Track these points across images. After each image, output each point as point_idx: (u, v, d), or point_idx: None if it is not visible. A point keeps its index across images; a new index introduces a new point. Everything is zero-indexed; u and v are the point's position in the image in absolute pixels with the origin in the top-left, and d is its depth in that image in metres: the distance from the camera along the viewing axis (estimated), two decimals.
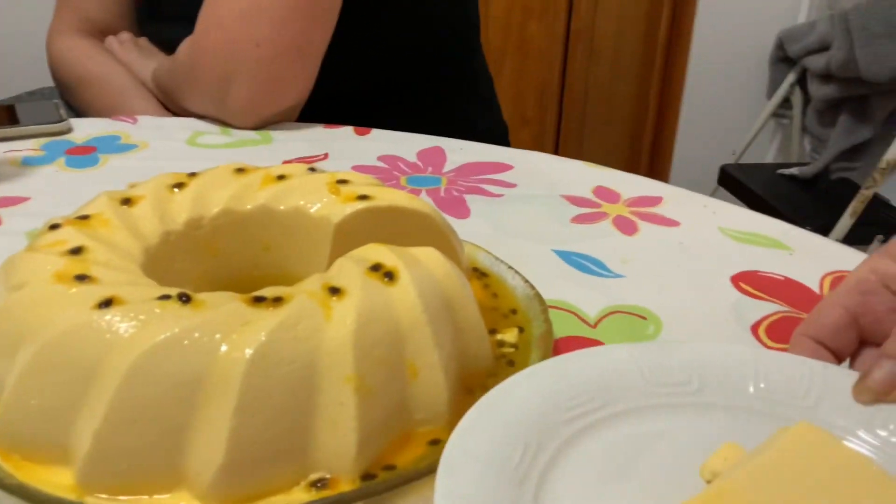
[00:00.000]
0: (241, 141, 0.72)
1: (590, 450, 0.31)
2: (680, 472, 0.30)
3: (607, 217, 0.57)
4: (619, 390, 0.33)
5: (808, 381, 0.34)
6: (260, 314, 0.32)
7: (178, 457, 0.30)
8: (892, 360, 0.33)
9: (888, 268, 0.36)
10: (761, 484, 0.26)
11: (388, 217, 0.42)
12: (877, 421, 0.32)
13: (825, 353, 0.36)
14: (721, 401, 0.34)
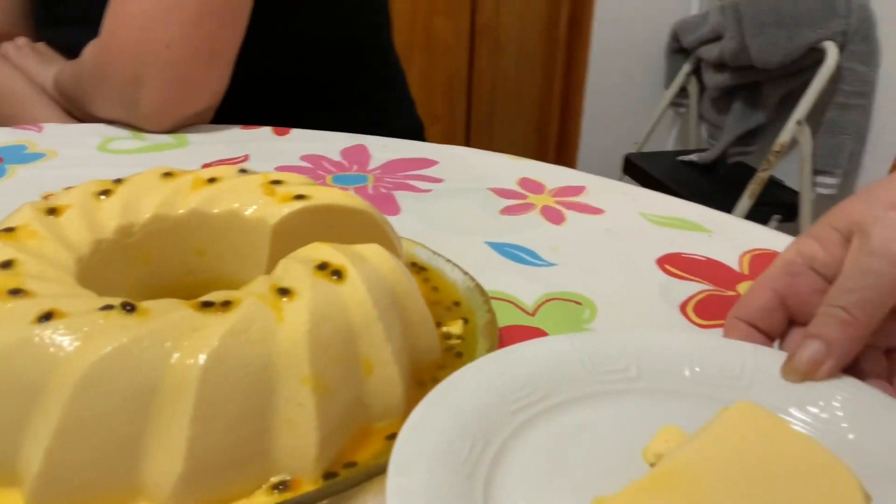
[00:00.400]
0: (155, 145, 0.70)
1: (536, 440, 0.31)
2: (624, 456, 0.31)
3: (535, 208, 0.59)
4: (562, 380, 0.34)
5: (740, 363, 0.35)
6: (209, 319, 0.31)
7: (134, 469, 0.29)
8: (816, 341, 0.34)
9: (813, 250, 0.37)
10: (706, 463, 0.27)
11: (326, 216, 0.42)
12: (808, 398, 0.34)
13: (757, 335, 0.38)
14: (659, 386, 0.35)
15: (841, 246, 0.36)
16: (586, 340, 0.36)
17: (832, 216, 0.38)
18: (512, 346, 0.35)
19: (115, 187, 0.42)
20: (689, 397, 0.34)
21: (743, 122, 2.00)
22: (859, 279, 0.34)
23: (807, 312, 0.37)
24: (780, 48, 1.78)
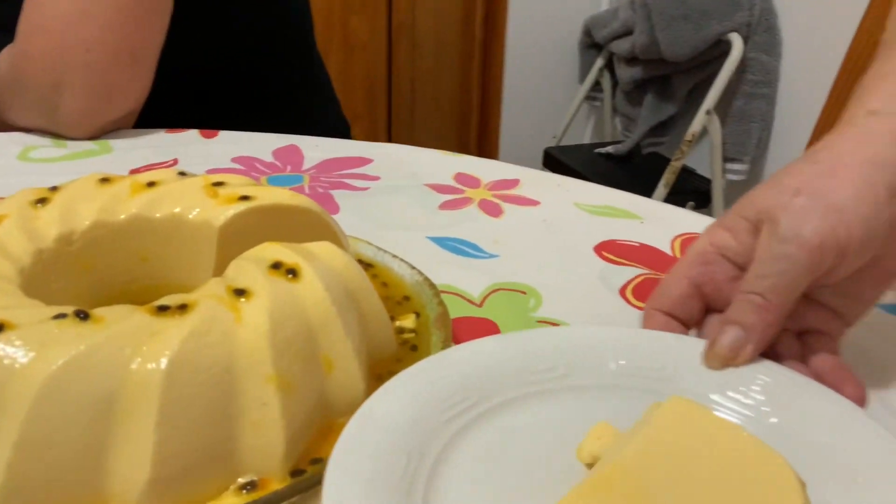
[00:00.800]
0: (78, 153, 0.68)
1: (471, 448, 0.31)
2: (560, 456, 0.31)
3: (472, 202, 0.60)
4: (491, 385, 0.34)
5: (663, 353, 0.36)
6: (167, 323, 0.31)
7: (100, 478, 0.28)
8: (735, 327, 0.35)
9: (724, 239, 0.38)
10: (645, 463, 0.27)
11: (272, 216, 0.42)
12: (729, 385, 0.35)
13: (675, 324, 0.39)
14: (587, 382, 0.35)
15: (751, 234, 0.37)
16: (513, 341, 0.36)
17: (740, 206, 0.38)
18: (439, 353, 0.35)
19: (51, 195, 0.41)
20: (616, 391, 0.35)
21: (655, 113, 2.07)
22: (772, 265, 0.35)
23: (722, 299, 0.38)
24: (688, 41, 1.84)
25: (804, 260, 0.34)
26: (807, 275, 0.35)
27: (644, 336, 0.38)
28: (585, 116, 2.39)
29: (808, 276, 0.35)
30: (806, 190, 0.35)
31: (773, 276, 0.35)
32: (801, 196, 0.35)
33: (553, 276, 0.49)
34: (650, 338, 0.37)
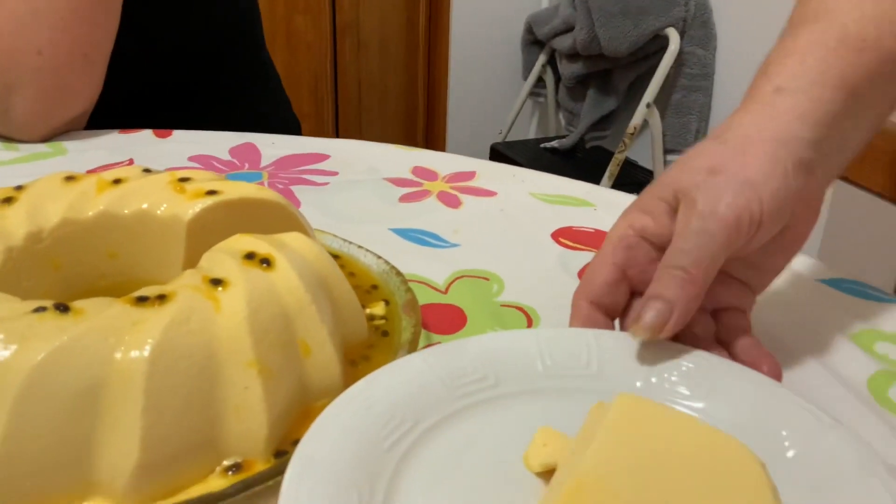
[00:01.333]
0: (31, 155, 0.67)
1: (418, 472, 0.31)
2: (508, 467, 0.32)
3: (431, 194, 0.61)
4: (425, 405, 0.34)
5: (586, 351, 0.37)
6: (147, 314, 0.31)
7: (87, 467, 0.29)
8: (658, 301, 0.36)
9: (643, 222, 0.39)
10: (610, 467, 0.27)
11: (239, 209, 0.42)
12: (652, 373, 0.36)
13: (599, 316, 0.39)
14: (519, 388, 0.36)
15: (668, 215, 0.38)
16: (439, 357, 0.36)
17: (656, 188, 0.40)
18: (367, 377, 0.34)
19: (16, 194, 0.41)
20: (549, 393, 0.36)
21: (597, 108, 2.11)
22: (693, 240, 0.36)
23: (646, 281, 0.38)
24: (628, 36, 1.88)
25: (722, 234, 0.36)
26: (726, 248, 0.36)
27: (564, 335, 0.38)
28: (530, 112, 2.42)
29: (726, 249, 0.36)
30: (719, 168, 0.37)
31: (694, 250, 0.36)
32: (715, 175, 0.37)
33: (513, 262, 0.51)
34: (570, 336, 0.38)
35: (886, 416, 0.37)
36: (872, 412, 0.37)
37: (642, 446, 0.28)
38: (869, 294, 0.48)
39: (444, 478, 0.31)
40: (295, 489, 0.28)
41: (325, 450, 0.30)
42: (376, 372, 0.35)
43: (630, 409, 0.29)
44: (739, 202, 0.36)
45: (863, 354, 0.42)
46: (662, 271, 0.37)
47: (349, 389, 0.34)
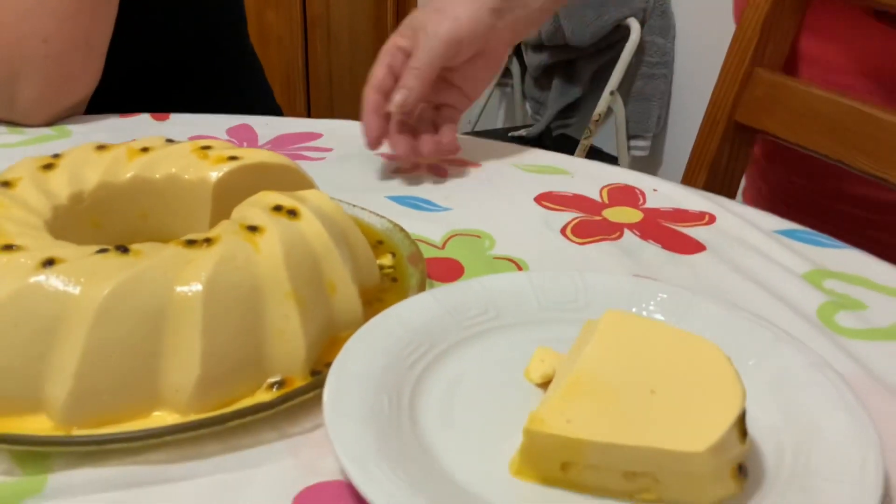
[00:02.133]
0: (36, 138, 0.70)
1: (436, 384, 0.37)
2: (510, 380, 0.37)
3: (421, 167, 0.66)
4: (437, 333, 0.39)
5: (573, 288, 0.43)
6: (198, 254, 0.36)
7: (153, 382, 0.33)
8: (403, 88, 0.60)
9: (401, 42, 0.62)
10: (602, 365, 0.33)
11: (258, 173, 0.47)
12: (634, 304, 0.41)
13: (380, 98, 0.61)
14: (517, 319, 0.42)
15: (413, 38, 0.61)
16: (446, 294, 0.42)
17: (407, 22, 0.63)
18: (386, 311, 0.39)
19: (55, 161, 0.45)
20: (544, 323, 0.41)
21: (562, 97, 2.17)
22: (423, 51, 0.60)
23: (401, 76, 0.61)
24: (591, 27, 1.95)
25: (441, 47, 0.60)
26: (443, 57, 0.60)
27: (556, 276, 0.44)
28: (497, 102, 2.48)
29: (443, 58, 0.60)
30: (441, 9, 0.61)
31: (424, 57, 0.60)
32: (438, 13, 0.61)
33: (502, 222, 0.56)
34: (561, 277, 0.44)
35: (833, 336, 0.43)
36: (821, 334, 0.43)
37: (629, 349, 0.33)
38: (819, 241, 0.54)
39: (457, 389, 0.37)
40: (335, 395, 0.33)
41: (357, 366, 0.35)
42: (393, 306, 0.40)
43: (617, 322, 0.35)
44: (451, 27, 0.60)
45: (812, 289, 0.47)
46: (406, 71, 0.61)
47: (371, 320, 0.39)
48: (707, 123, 0.80)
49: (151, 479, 0.32)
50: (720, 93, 0.79)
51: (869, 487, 0.29)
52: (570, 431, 0.30)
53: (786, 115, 0.73)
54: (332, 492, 0.32)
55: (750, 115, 0.77)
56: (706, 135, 0.80)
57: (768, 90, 0.75)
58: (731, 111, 0.78)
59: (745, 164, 0.81)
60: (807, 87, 0.72)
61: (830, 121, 0.69)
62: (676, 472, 0.30)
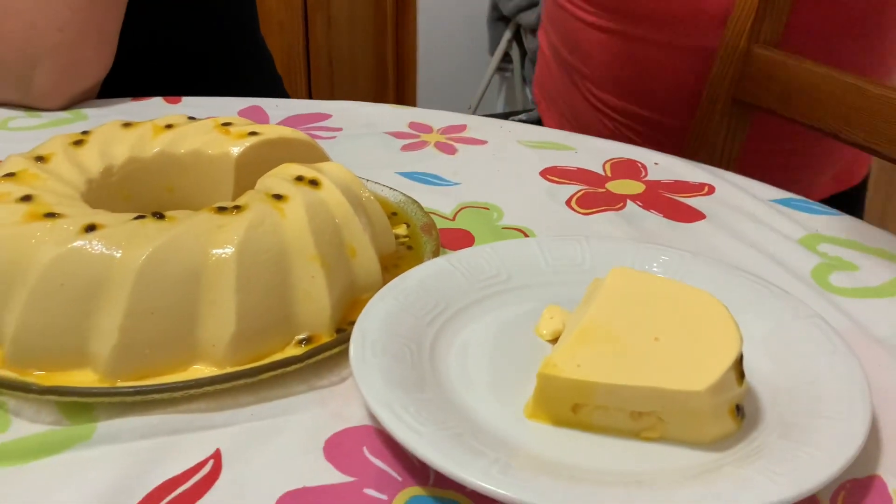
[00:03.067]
0: (54, 121, 0.73)
1: (454, 340, 0.39)
2: (522, 336, 0.40)
3: (429, 144, 0.68)
4: (452, 294, 0.42)
5: (580, 252, 0.46)
6: (228, 219, 0.38)
7: (192, 336, 0.36)
8: None
9: None
10: (609, 317, 0.35)
11: (277, 147, 0.49)
12: (636, 265, 0.43)
13: None
14: (528, 281, 0.44)
15: None
16: (460, 258, 0.44)
17: None
18: (403, 274, 0.42)
19: (85, 137, 0.47)
20: (553, 284, 0.44)
21: None
22: None
23: None
24: None
25: None
26: None
27: (562, 241, 0.46)
28: (497, 87, 2.49)
29: None
30: None
31: None
32: None
33: (509, 195, 0.58)
34: (567, 242, 0.46)
35: (827, 294, 0.46)
36: (815, 292, 0.46)
37: (634, 301, 0.36)
38: (812, 209, 0.56)
39: (473, 344, 0.39)
40: (361, 347, 0.36)
41: (379, 323, 0.38)
42: (411, 269, 0.42)
43: (622, 277, 0.37)
44: None
45: (807, 252, 0.50)
46: None
47: (391, 282, 0.41)
48: (706, 101, 0.83)
49: (192, 427, 0.35)
50: (718, 70, 0.81)
51: (858, 424, 0.32)
52: (581, 375, 0.32)
53: (783, 91, 0.75)
54: (359, 436, 0.35)
55: (748, 91, 0.79)
56: (705, 112, 0.83)
57: (765, 67, 0.77)
58: (728, 88, 0.80)
59: (743, 141, 0.83)
60: (803, 63, 0.74)
61: (826, 95, 0.71)
62: (679, 411, 0.32)
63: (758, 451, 0.32)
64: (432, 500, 0.31)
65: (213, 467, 0.33)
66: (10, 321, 0.35)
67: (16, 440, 0.34)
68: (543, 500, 0.28)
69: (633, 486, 0.30)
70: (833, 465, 0.30)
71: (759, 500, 0.28)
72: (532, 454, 0.32)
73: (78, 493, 0.31)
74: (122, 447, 0.34)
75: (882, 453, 0.34)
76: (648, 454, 0.33)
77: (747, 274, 0.42)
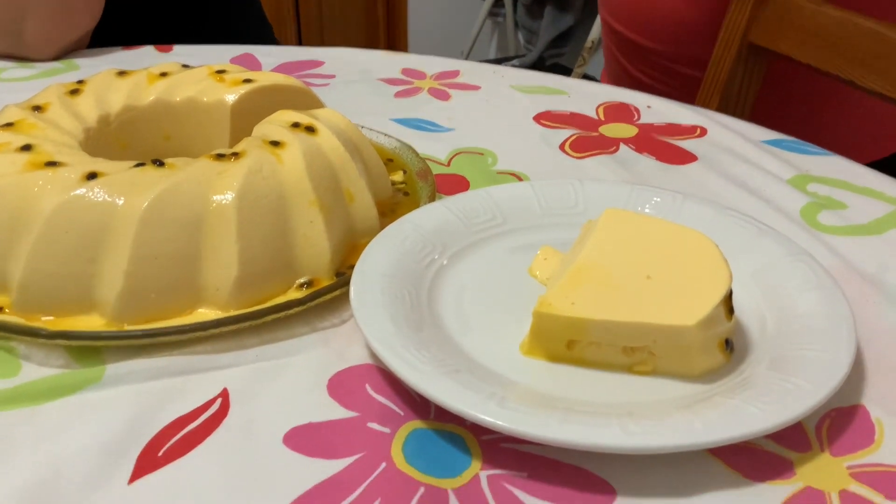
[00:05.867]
0: (46, 71, 0.72)
1: (451, 282, 0.40)
2: (517, 277, 0.41)
3: (422, 90, 0.68)
4: (449, 236, 0.43)
5: (573, 195, 0.46)
6: (228, 166, 0.39)
7: (196, 281, 0.37)
8: None
9: None
10: (603, 256, 0.36)
11: (272, 94, 0.49)
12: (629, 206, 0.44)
13: None
14: (522, 224, 0.45)
15: None
16: (456, 203, 0.45)
17: None
18: (401, 219, 0.43)
19: (80, 86, 0.47)
20: (547, 227, 0.45)
21: (555, 25, 2.17)
22: None
23: None
24: None
25: None
26: None
27: (556, 185, 0.47)
28: (490, 32, 2.47)
29: None
30: None
31: None
32: None
33: (503, 140, 0.59)
34: (560, 185, 0.47)
35: (815, 233, 0.46)
36: (804, 231, 0.46)
37: (626, 241, 0.37)
38: (804, 149, 0.57)
39: (469, 285, 0.40)
40: (361, 289, 0.36)
41: (378, 266, 0.39)
42: (408, 214, 0.43)
43: (615, 218, 0.38)
44: None
45: (796, 192, 0.51)
46: None
47: (389, 226, 0.42)
48: (720, 45, 0.80)
49: (199, 368, 0.36)
50: (734, 14, 0.79)
51: (842, 356, 0.33)
52: (575, 312, 0.33)
53: (799, 36, 0.74)
54: (362, 374, 0.36)
55: (763, 35, 0.78)
56: (719, 57, 0.80)
57: (781, 10, 0.76)
58: (744, 32, 0.78)
59: (759, 86, 0.82)
60: (820, 7, 0.73)
61: (842, 40, 0.70)
62: (670, 345, 0.33)
63: (746, 383, 0.33)
64: (433, 433, 0.33)
65: (221, 406, 0.34)
66: (16, 268, 0.36)
67: (27, 383, 0.35)
68: (539, 430, 0.29)
69: (626, 417, 0.31)
70: (818, 394, 0.31)
71: (747, 427, 0.30)
72: (528, 388, 0.34)
73: (91, 433, 0.33)
74: (131, 388, 0.35)
75: (866, 384, 0.36)
76: (640, 387, 0.34)
77: (738, 214, 0.43)
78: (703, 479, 0.31)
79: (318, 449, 0.32)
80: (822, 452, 0.32)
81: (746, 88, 0.82)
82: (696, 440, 0.29)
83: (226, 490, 0.30)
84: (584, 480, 0.31)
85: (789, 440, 0.33)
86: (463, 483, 0.31)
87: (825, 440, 0.33)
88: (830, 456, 0.32)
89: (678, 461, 0.31)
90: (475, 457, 0.32)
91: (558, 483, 0.31)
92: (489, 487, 0.30)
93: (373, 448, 0.32)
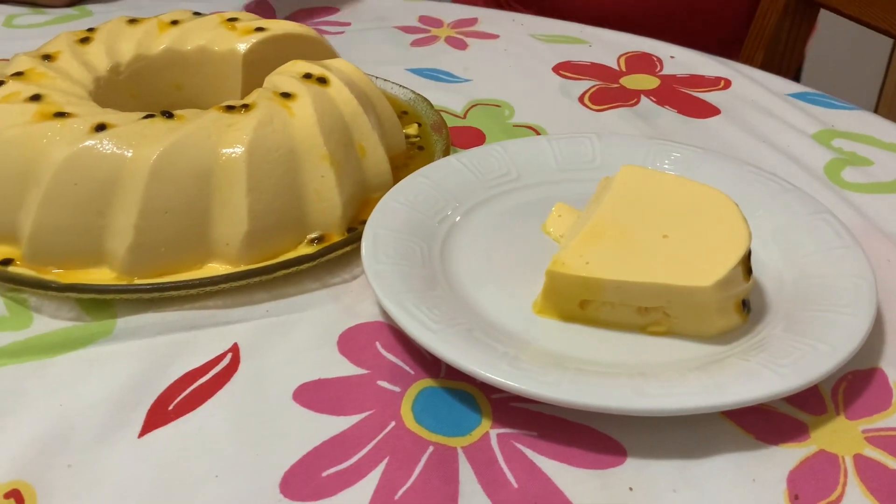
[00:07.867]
0: (60, 18, 0.71)
1: (464, 237, 0.39)
2: (530, 234, 0.40)
3: (439, 39, 0.66)
4: (463, 192, 0.42)
5: (590, 149, 0.45)
6: (237, 118, 0.38)
7: (206, 235, 0.36)
8: None
9: None
10: (620, 213, 0.35)
11: (285, 43, 0.48)
12: (647, 162, 0.43)
13: None
14: (538, 179, 0.44)
15: None
16: (471, 157, 0.44)
17: None
18: (414, 173, 0.42)
19: (91, 35, 0.46)
20: (562, 182, 0.44)
21: None
22: None
23: None
24: None
25: None
26: None
27: (572, 140, 0.46)
28: None
29: None
30: None
31: None
32: None
33: (521, 92, 0.57)
34: (577, 140, 0.45)
35: (838, 190, 0.45)
36: (827, 188, 0.45)
37: (643, 198, 0.36)
38: (829, 103, 0.55)
39: (482, 242, 0.39)
40: (373, 245, 0.36)
41: (390, 221, 0.38)
42: (422, 168, 0.42)
43: (632, 175, 0.37)
44: None
45: (820, 147, 0.49)
46: None
47: (402, 181, 0.41)
48: None
49: (209, 323, 0.36)
50: None
51: (862, 318, 0.32)
52: (589, 271, 0.33)
53: None
54: (372, 331, 0.36)
55: None
56: (766, 10, 0.78)
57: None
58: None
59: (806, 41, 0.79)
60: None
61: None
62: (685, 305, 0.33)
63: (762, 344, 0.32)
64: (444, 392, 0.32)
65: (231, 360, 0.34)
66: (26, 220, 0.36)
67: (39, 335, 0.35)
68: (550, 391, 0.29)
69: (639, 378, 0.30)
70: (835, 357, 0.30)
71: (762, 390, 0.29)
72: (540, 348, 0.33)
73: (103, 385, 0.33)
74: (142, 342, 0.35)
75: (885, 346, 0.35)
76: (654, 348, 0.33)
77: (759, 170, 0.42)
78: (716, 441, 0.30)
79: (327, 405, 0.32)
80: (837, 416, 0.32)
81: (793, 44, 0.78)
82: (709, 402, 0.29)
83: (235, 444, 0.30)
84: (594, 440, 0.31)
85: (804, 403, 0.32)
86: (472, 441, 0.30)
87: (841, 403, 0.32)
88: (846, 419, 0.32)
89: (690, 423, 0.31)
90: (485, 415, 0.31)
91: (569, 443, 0.30)
92: (499, 446, 0.30)
93: (382, 406, 0.32)
